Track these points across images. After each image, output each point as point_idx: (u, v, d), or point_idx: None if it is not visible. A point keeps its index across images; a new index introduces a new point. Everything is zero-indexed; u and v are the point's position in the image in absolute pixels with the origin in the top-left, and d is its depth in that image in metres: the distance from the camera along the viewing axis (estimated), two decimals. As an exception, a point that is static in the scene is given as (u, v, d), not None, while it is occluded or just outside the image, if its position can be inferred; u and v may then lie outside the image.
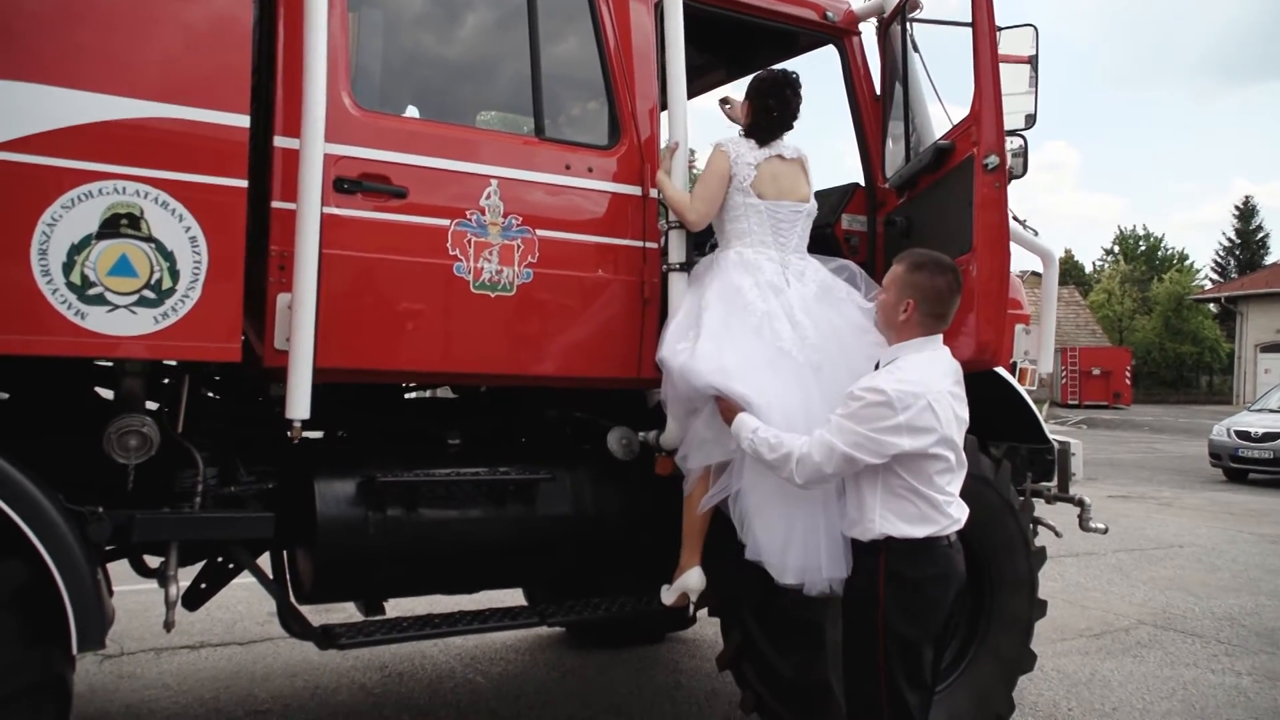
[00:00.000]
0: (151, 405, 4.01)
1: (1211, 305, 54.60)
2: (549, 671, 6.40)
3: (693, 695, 6.03)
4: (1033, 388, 5.59)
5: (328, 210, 3.77)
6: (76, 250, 3.29)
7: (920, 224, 4.94)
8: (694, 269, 4.55)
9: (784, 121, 4.59)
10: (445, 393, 5.57)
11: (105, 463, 3.65)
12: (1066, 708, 6.01)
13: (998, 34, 4.56)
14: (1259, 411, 20.46)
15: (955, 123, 4.74)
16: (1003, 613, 5.10)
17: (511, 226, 4.19)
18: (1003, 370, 5.18)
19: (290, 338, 3.63)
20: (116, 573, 4.54)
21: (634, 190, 4.54)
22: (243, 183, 3.58)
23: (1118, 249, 73.31)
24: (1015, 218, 5.02)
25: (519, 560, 4.66)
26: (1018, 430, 5.51)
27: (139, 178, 3.38)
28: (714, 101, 5.30)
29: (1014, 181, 4.72)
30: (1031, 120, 4.90)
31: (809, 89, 4.63)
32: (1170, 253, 71.00)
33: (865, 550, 3.67)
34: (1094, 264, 76.08)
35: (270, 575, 4.41)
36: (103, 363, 4.00)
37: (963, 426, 3.69)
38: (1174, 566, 10.40)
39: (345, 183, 3.88)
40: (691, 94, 4.74)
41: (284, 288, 3.70)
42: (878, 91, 5.44)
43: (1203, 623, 8.09)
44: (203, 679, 5.96)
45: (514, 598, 6.37)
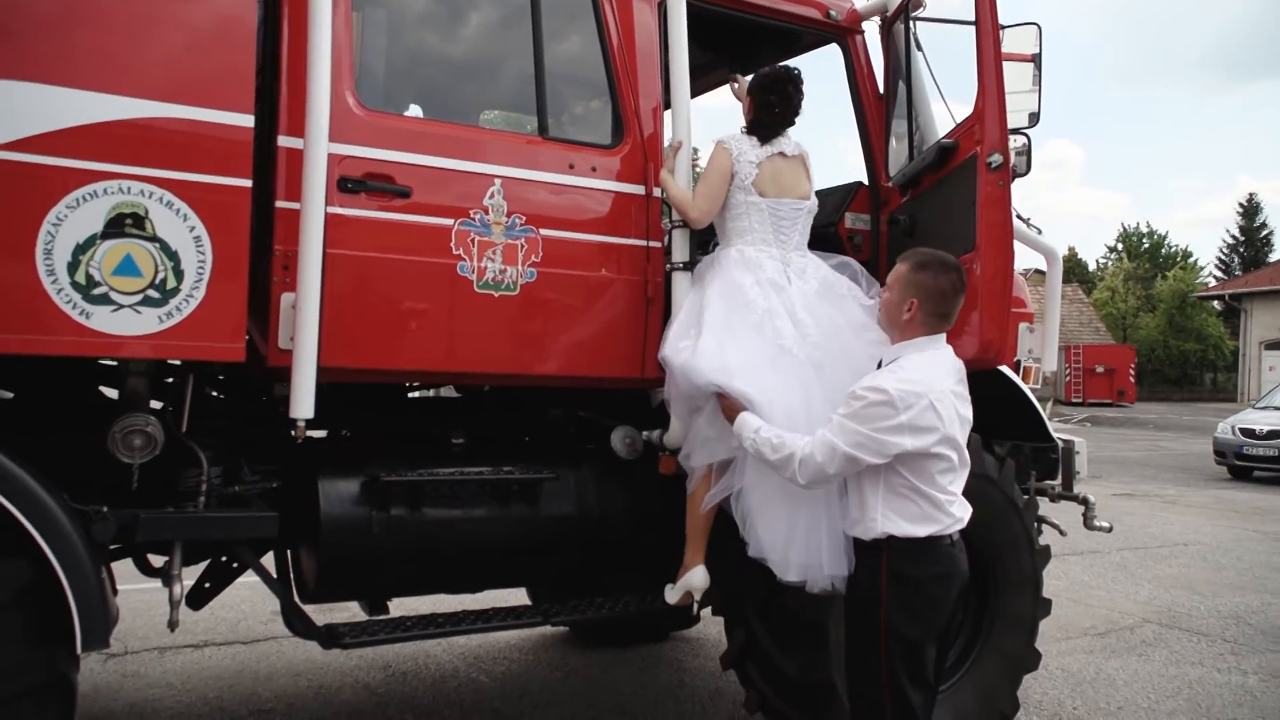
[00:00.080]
0: (156, 404, 4.02)
1: (1215, 302, 54.43)
2: (553, 671, 6.40)
3: (696, 694, 6.03)
4: (1037, 386, 5.58)
5: (332, 210, 3.77)
6: (81, 250, 3.29)
7: (924, 222, 4.93)
8: (696, 267, 4.55)
9: (785, 118, 4.58)
10: (449, 392, 5.57)
11: (110, 462, 3.66)
12: (1071, 706, 6.01)
13: (1001, 32, 4.55)
14: (1264, 409, 20.39)
15: (958, 121, 4.73)
16: (1007, 611, 5.09)
17: (515, 226, 4.19)
18: (1006, 369, 5.18)
19: (294, 337, 3.64)
20: (121, 572, 4.55)
21: (637, 189, 4.53)
22: (247, 182, 3.59)
23: (1121, 246, 73.28)
24: (1019, 216, 5.01)
25: (523, 560, 4.67)
26: (1022, 428, 5.50)
27: (144, 177, 3.39)
28: (718, 100, 5.32)
29: (1017, 180, 4.71)
30: (1035, 118, 4.89)
31: (812, 88, 4.63)
32: (1174, 250, 70.96)
33: (867, 549, 3.67)
34: (1098, 261, 76.26)
35: (274, 574, 4.41)
36: (107, 362, 4.00)
37: (965, 426, 3.68)
38: (1179, 565, 10.39)
39: (349, 182, 3.88)
40: (695, 93, 4.74)
41: (288, 287, 3.71)
42: (881, 90, 5.44)
43: (1208, 621, 8.08)
44: (207, 678, 5.97)
45: (518, 597, 6.38)
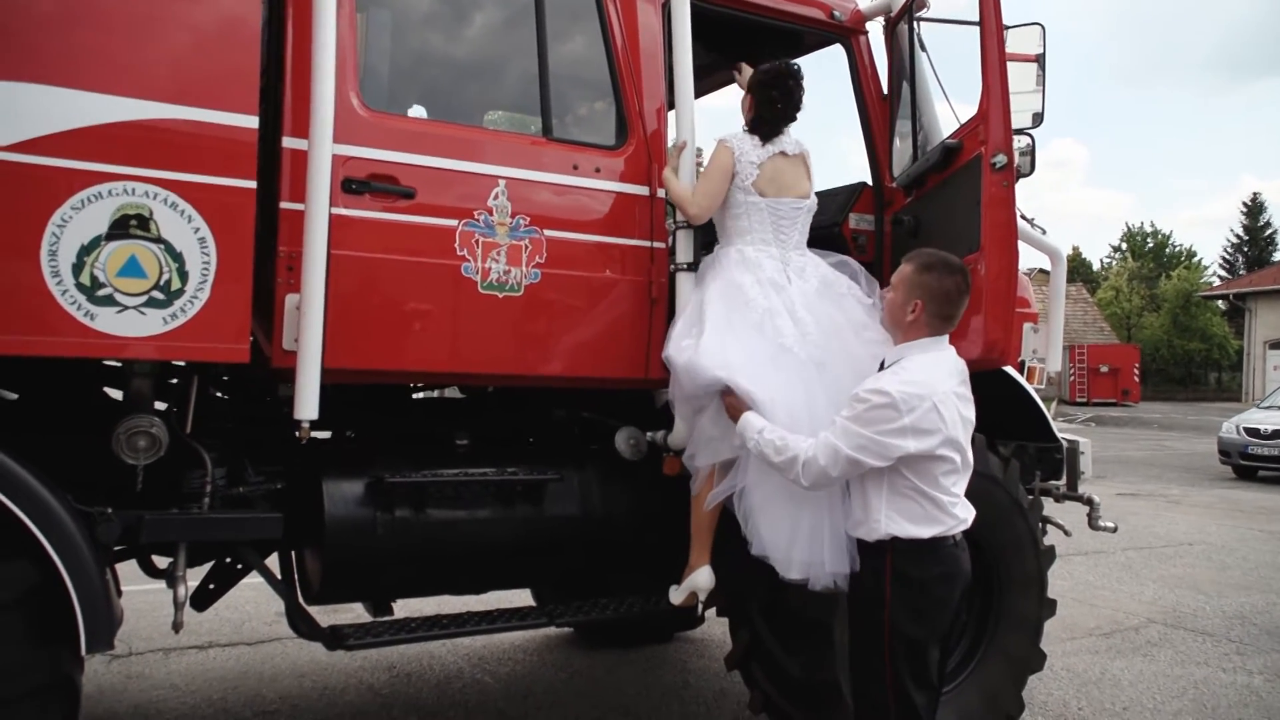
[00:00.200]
0: (160, 406, 4.03)
1: (1220, 302, 54.50)
2: (557, 671, 6.40)
3: (701, 695, 6.02)
4: (1041, 386, 5.58)
5: (336, 211, 3.77)
6: (86, 251, 3.29)
7: (928, 223, 4.93)
8: (699, 267, 4.54)
9: (787, 114, 4.57)
10: (453, 393, 5.57)
11: (114, 463, 3.66)
12: (1076, 707, 6.00)
13: (1005, 32, 4.55)
14: (1268, 409, 20.37)
15: (963, 122, 4.73)
16: (1012, 612, 5.08)
17: (519, 227, 4.19)
18: (1011, 369, 5.17)
19: (298, 338, 3.64)
20: (125, 573, 4.55)
21: (641, 190, 4.53)
22: (251, 183, 3.59)
23: (1125, 246, 73.26)
24: (1023, 216, 5.01)
25: (527, 560, 4.67)
26: (1026, 429, 5.50)
27: (148, 179, 3.39)
28: (721, 100, 5.32)
29: (1021, 180, 4.71)
30: (1039, 119, 4.89)
31: (816, 88, 4.62)
32: (1178, 250, 70.92)
33: (871, 550, 3.66)
34: (1102, 261, 76.14)
35: (278, 576, 4.41)
36: (111, 363, 4.00)
37: (968, 427, 3.68)
38: (1184, 564, 10.38)
39: (353, 183, 3.88)
40: (698, 93, 4.73)
41: (292, 288, 3.71)
42: (885, 90, 5.44)
43: (1213, 621, 8.07)
44: (211, 679, 5.97)
45: (522, 598, 6.39)
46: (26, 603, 3.27)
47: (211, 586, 4.54)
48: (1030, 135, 4.95)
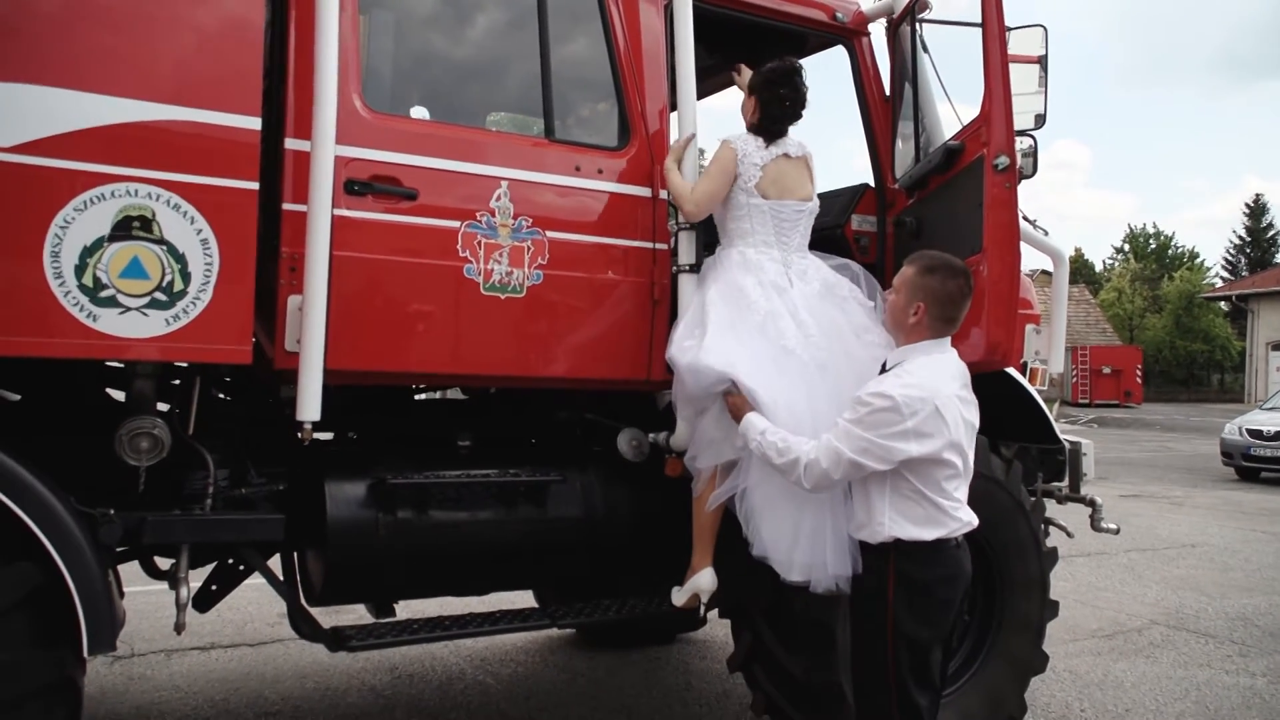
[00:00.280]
0: (162, 407, 4.03)
1: (1222, 303, 54.43)
2: (559, 673, 6.40)
3: (703, 697, 6.02)
4: (1043, 388, 5.57)
5: (338, 212, 3.77)
6: (89, 252, 3.29)
7: (930, 224, 4.93)
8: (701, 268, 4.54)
9: (795, 111, 4.55)
10: (455, 394, 5.57)
11: (116, 464, 3.66)
12: (1079, 709, 6.00)
13: (1007, 34, 4.55)
14: (1271, 410, 20.37)
15: (965, 123, 4.73)
16: (1014, 614, 5.08)
17: (522, 228, 4.19)
18: (1013, 370, 5.16)
19: (301, 339, 3.64)
20: (127, 574, 4.56)
21: (644, 191, 4.53)
22: (254, 185, 3.59)
23: (1128, 247, 73.22)
24: (1025, 217, 5.01)
25: (529, 562, 4.66)
26: (1028, 430, 5.49)
27: (151, 180, 3.39)
28: (724, 102, 5.32)
29: (1024, 181, 4.71)
30: (1041, 120, 4.88)
31: (818, 90, 4.62)
32: (1181, 251, 70.89)
33: (874, 553, 3.66)
34: (1104, 262, 76.07)
35: (281, 577, 4.41)
36: (114, 364, 4.00)
37: (971, 431, 3.67)
38: (1186, 566, 10.37)
39: (356, 185, 3.88)
40: (701, 95, 4.73)
41: (295, 290, 3.71)
42: (887, 92, 5.43)
43: (1216, 623, 8.07)
44: (213, 680, 5.98)
45: (524, 599, 6.38)
46: (29, 604, 3.27)
47: (214, 588, 4.54)
48: (1033, 136, 4.94)
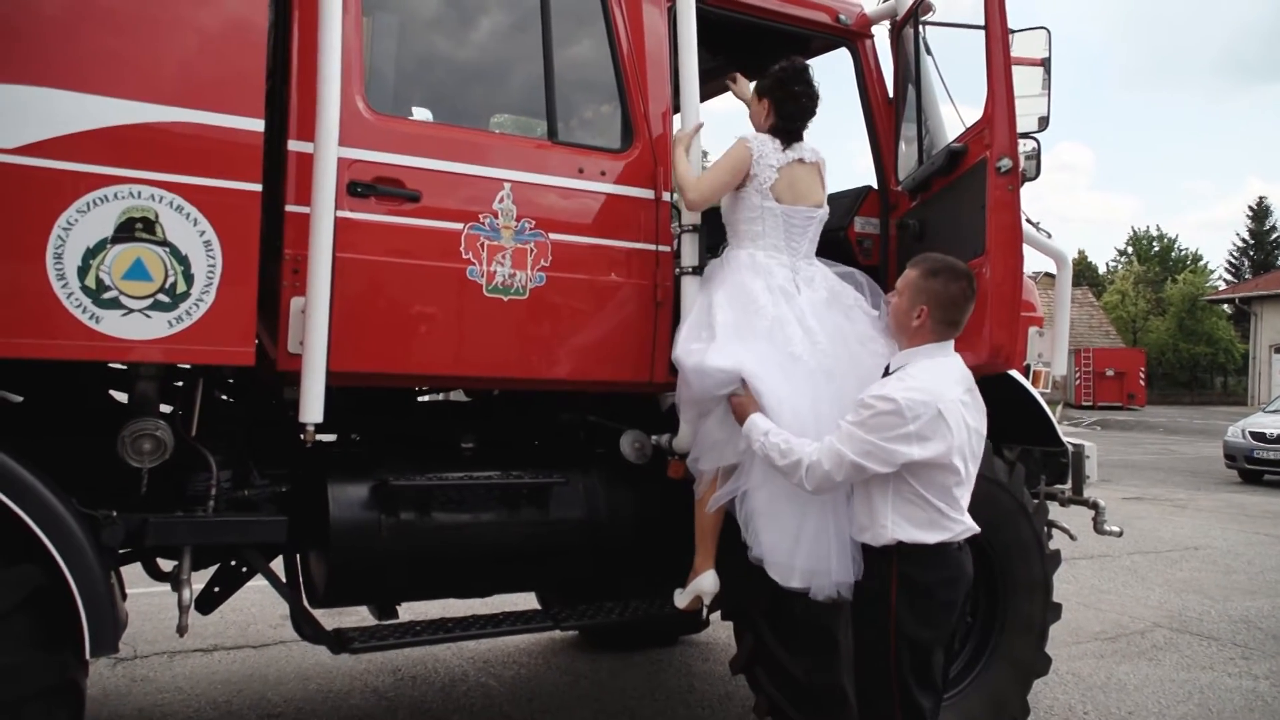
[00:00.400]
0: (165, 409, 4.03)
1: (1225, 306, 54.44)
2: (562, 675, 6.40)
3: (706, 699, 6.02)
4: (1046, 390, 5.57)
5: (341, 214, 3.77)
6: (92, 254, 3.29)
7: (933, 227, 4.92)
8: (705, 269, 4.53)
9: (811, 108, 4.54)
10: (458, 396, 5.57)
11: (119, 466, 3.66)
12: (1082, 711, 5.99)
13: (1010, 36, 4.54)
14: (1274, 412, 20.38)
15: (968, 125, 4.72)
16: (1017, 616, 5.08)
17: (524, 230, 4.19)
18: (1016, 373, 5.16)
19: (304, 341, 3.64)
20: (130, 576, 4.56)
21: (647, 193, 4.52)
22: (257, 186, 3.58)
23: (1131, 250, 73.20)
24: (1028, 220, 5.00)
25: (532, 564, 4.65)
26: (1031, 433, 5.48)
27: (154, 182, 3.39)
28: (727, 104, 5.31)
29: (1027, 184, 4.70)
30: (1044, 123, 4.88)
31: (821, 92, 4.61)
32: (1184, 253, 70.87)
33: (877, 555, 3.66)
34: (1107, 265, 76.03)
35: (283, 579, 4.41)
36: (116, 366, 4.00)
37: (975, 436, 3.65)
38: (1189, 569, 10.36)
39: (359, 186, 3.87)
40: (704, 97, 4.73)
41: (297, 291, 3.71)
42: (890, 94, 5.43)
43: (1219, 625, 8.06)
44: (216, 682, 5.98)
45: (527, 601, 6.38)
46: (31, 606, 3.27)
47: (216, 589, 4.53)
48: (1036, 139, 4.94)
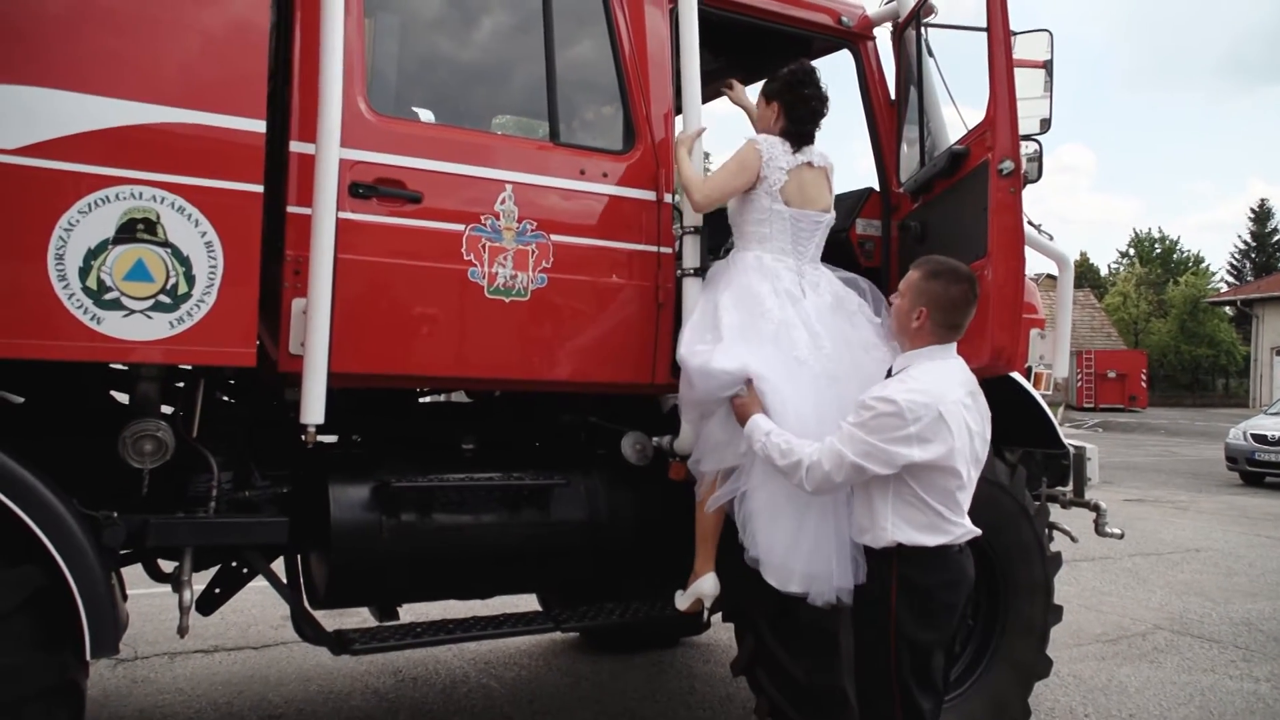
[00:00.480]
0: (166, 410, 4.03)
1: (1227, 308, 54.46)
2: (563, 676, 6.40)
3: (706, 700, 6.02)
4: (1048, 392, 5.56)
5: (343, 215, 3.77)
6: (93, 255, 3.29)
7: (935, 229, 4.92)
8: (710, 270, 4.54)
9: (820, 111, 4.53)
10: (459, 397, 5.57)
11: (120, 467, 3.66)
12: (1083, 714, 5.98)
13: (1012, 39, 4.54)
14: (1275, 415, 20.37)
15: (970, 127, 4.72)
16: (1018, 618, 5.08)
17: (526, 231, 4.19)
18: (1018, 375, 5.15)
19: (305, 342, 3.64)
20: (130, 577, 4.56)
21: (649, 195, 4.52)
22: (259, 188, 3.59)
23: (1133, 251, 73.12)
24: (1030, 222, 5.00)
25: (533, 565, 4.65)
26: (1033, 435, 5.47)
27: (156, 183, 3.39)
28: (728, 106, 5.30)
29: (1029, 186, 4.69)
30: (1046, 125, 4.88)
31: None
32: (1186, 255, 70.82)
33: (877, 557, 3.65)
34: (1109, 267, 75.94)
35: (284, 580, 4.41)
36: (118, 367, 4.00)
37: (977, 439, 3.64)
38: (1191, 571, 10.35)
39: (360, 188, 3.87)
40: (706, 98, 4.73)
41: (299, 293, 3.71)
42: (892, 96, 5.43)
43: (1220, 628, 8.05)
44: (216, 683, 5.98)
45: (528, 603, 6.37)
46: (31, 607, 3.27)
47: (217, 590, 4.53)
48: (1038, 141, 4.94)
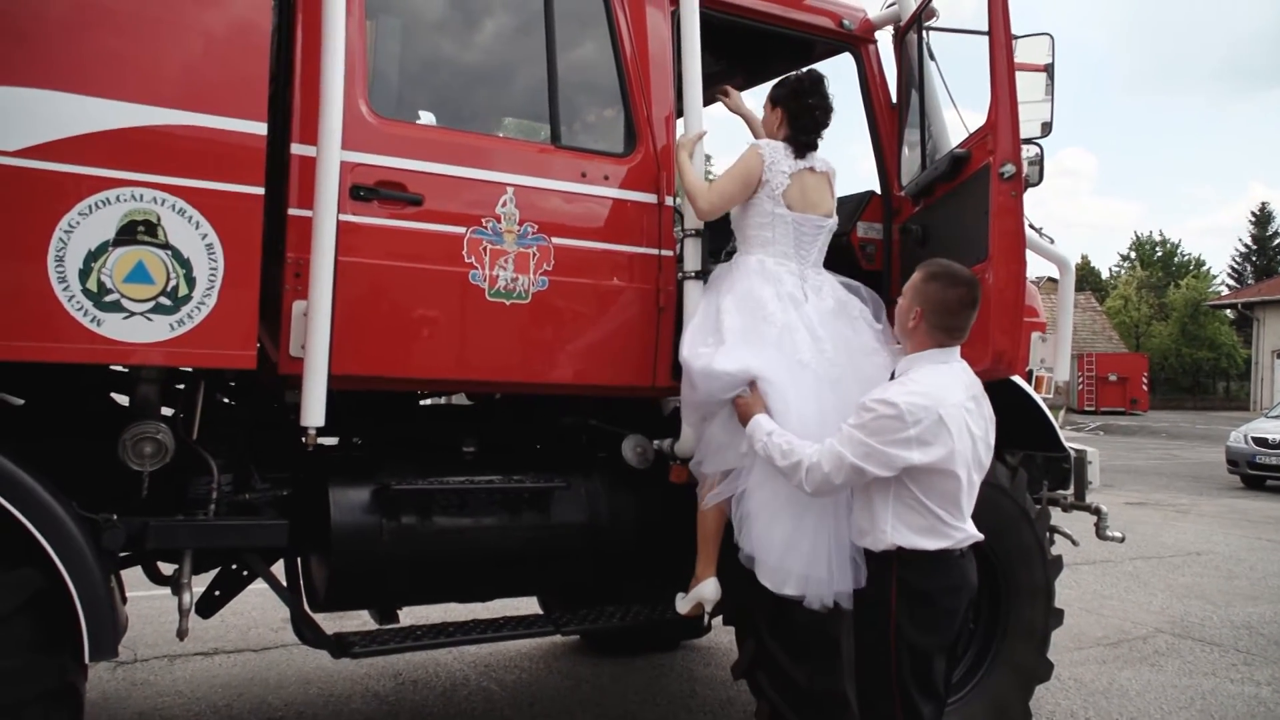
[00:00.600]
0: (166, 412, 4.02)
1: (1228, 311, 54.44)
2: (563, 679, 6.39)
3: (707, 704, 6.01)
4: (1049, 395, 5.56)
5: (344, 218, 3.77)
6: (93, 257, 3.29)
7: (936, 232, 4.91)
8: (712, 273, 4.53)
9: (824, 120, 4.54)
10: (460, 399, 5.57)
11: (120, 469, 3.65)
12: (1084, 717, 5.98)
13: (1014, 42, 4.53)
14: (1276, 418, 20.38)
15: (971, 131, 4.71)
16: (1019, 622, 5.07)
17: (527, 234, 4.19)
18: (1019, 378, 5.15)
19: (305, 345, 3.64)
20: (130, 579, 4.55)
21: (650, 198, 4.52)
22: (259, 190, 3.58)
23: (1134, 255, 73.17)
24: (1031, 225, 4.99)
25: (533, 568, 4.65)
26: (1034, 438, 5.47)
27: (156, 185, 3.39)
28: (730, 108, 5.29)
29: (1030, 189, 4.69)
30: (1048, 129, 4.88)
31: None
32: (1187, 258, 70.87)
33: (877, 561, 3.65)
34: (1110, 270, 76.02)
35: (284, 583, 4.41)
36: (118, 369, 4.00)
37: (980, 444, 3.62)
38: (1191, 574, 10.34)
39: (361, 190, 3.87)
40: (707, 101, 4.73)
41: (299, 295, 3.70)
42: (894, 99, 5.42)
43: (1221, 631, 8.04)
44: (216, 686, 5.97)
45: (529, 606, 6.37)
46: (30, 609, 3.27)
47: (217, 593, 4.53)
48: (1039, 145, 4.93)
